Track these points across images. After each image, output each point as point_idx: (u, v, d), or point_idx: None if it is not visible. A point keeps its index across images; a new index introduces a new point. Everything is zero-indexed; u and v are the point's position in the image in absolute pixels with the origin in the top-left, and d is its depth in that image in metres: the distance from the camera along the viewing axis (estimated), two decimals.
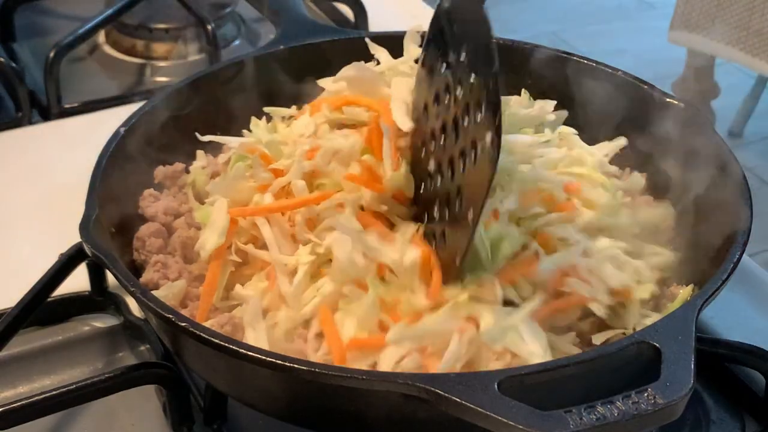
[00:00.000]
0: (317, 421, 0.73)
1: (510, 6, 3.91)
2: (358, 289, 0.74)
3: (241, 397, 0.76)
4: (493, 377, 0.62)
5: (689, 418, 0.82)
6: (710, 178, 0.83)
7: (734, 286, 0.74)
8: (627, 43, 3.46)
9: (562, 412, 0.59)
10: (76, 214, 0.78)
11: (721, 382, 0.86)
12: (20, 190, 1.09)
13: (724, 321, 0.90)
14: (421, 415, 0.65)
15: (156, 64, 1.39)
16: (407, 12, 1.42)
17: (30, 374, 0.88)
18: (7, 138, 1.19)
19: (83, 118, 1.23)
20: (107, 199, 0.82)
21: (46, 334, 0.91)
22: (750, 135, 3.13)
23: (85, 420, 0.83)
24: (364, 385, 0.64)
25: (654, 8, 3.92)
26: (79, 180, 0.82)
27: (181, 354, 0.76)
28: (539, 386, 0.64)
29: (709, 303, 0.70)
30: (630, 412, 0.60)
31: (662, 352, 0.64)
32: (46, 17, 1.49)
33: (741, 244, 0.75)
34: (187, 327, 0.68)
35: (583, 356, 0.66)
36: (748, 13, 2.56)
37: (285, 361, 0.65)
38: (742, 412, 0.84)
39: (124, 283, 0.73)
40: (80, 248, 0.84)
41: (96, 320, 0.93)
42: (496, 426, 0.60)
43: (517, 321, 0.71)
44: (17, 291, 0.85)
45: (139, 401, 0.84)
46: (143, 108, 0.91)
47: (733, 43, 2.61)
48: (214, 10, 1.39)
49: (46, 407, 0.76)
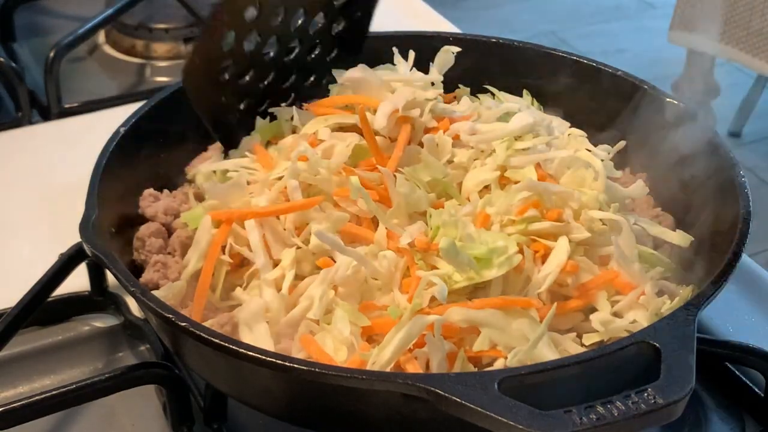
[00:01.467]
0: (317, 421, 0.73)
1: (510, 6, 3.92)
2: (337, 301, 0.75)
3: (241, 397, 0.76)
4: (493, 377, 0.62)
5: (689, 418, 0.82)
6: (709, 178, 0.83)
7: (734, 286, 0.74)
8: (627, 43, 3.46)
9: (562, 412, 0.59)
10: (76, 214, 0.78)
11: (721, 382, 0.86)
12: (20, 190, 1.09)
13: (724, 321, 0.90)
14: (421, 415, 0.65)
15: (156, 64, 1.39)
16: (407, 12, 1.42)
17: (30, 374, 0.88)
18: (7, 138, 1.19)
19: (83, 118, 1.23)
20: (107, 199, 0.82)
21: (46, 334, 0.91)
22: (749, 135, 3.13)
23: (85, 420, 0.83)
24: (364, 385, 0.64)
25: (654, 8, 3.92)
26: (79, 180, 0.82)
27: (181, 354, 0.76)
28: (539, 386, 0.64)
29: (709, 303, 0.70)
30: (630, 412, 0.59)
31: (662, 352, 0.64)
32: (46, 17, 1.49)
33: (740, 244, 0.75)
34: (187, 327, 0.68)
35: (583, 356, 0.66)
36: (748, 13, 2.56)
37: (285, 361, 0.65)
38: (742, 412, 0.84)
39: (124, 283, 0.73)
40: (80, 248, 0.84)
41: (96, 320, 0.93)
42: (496, 426, 0.60)
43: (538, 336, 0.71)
44: (17, 291, 0.85)
45: (139, 401, 0.84)
46: (143, 108, 0.91)
47: (733, 43, 2.61)
48: None
49: (46, 407, 0.76)
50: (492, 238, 0.76)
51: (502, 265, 0.74)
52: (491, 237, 0.76)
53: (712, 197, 0.83)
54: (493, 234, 0.77)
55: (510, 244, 0.75)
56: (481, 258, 0.74)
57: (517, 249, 0.75)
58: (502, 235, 0.77)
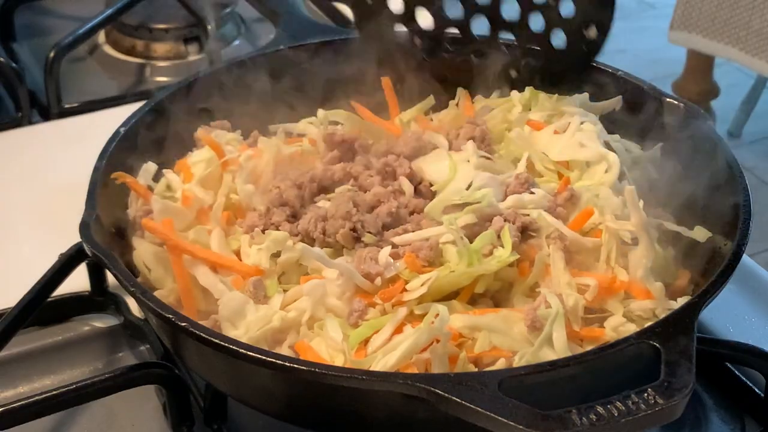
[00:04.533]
0: (317, 421, 0.73)
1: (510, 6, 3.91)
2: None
3: (241, 397, 0.76)
4: (493, 377, 0.62)
5: (689, 418, 0.82)
6: (709, 178, 0.83)
7: (734, 286, 0.74)
8: (627, 43, 3.46)
9: (562, 412, 0.59)
10: (76, 214, 0.78)
11: (721, 382, 0.86)
12: (20, 190, 1.09)
13: (724, 321, 0.90)
14: (421, 415, 0.65)
15: (156, 64, 1.39)
16: None
17: (30, 374, 0.88)
18: (7, 138, 1.19)
19: (83, 118, 1.23)
20: (107, 199, 0.82)
21: (46, 334, 0.91)
22: (749, 135, 3.13)
23: (85, 420, 0.83)
24: (364, 385, 0.64)
25: (654, 8, 3.91)
26: (79, 180, 0.82)
27: (181, 354, 0.76)
28: (539, 386, 0.64)
29: (709, 303, 0.70)
30: (630, 412, 0.59)
31: (662, 352, 0.64)
32: (46, 17, 1.49)
33: (741, 244, 0.75)
34: (187, 327, 0.68)
35: (583, 356, 0.66)
36: (748, 13, 2.56)
37: (285, 361, 0.65)
38: (742, 412, 0.84)
39: (124, 283, 0.73)
40: (80, 248, 0.84)
41: (96, 320, 0.93)
42: (496, 426, 0.60)
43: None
44: (17, 291, 0.85)
45: (139, 401, 0.84)
46: (143, 108, 0.91)
47: (733, 43, 2.61)
48: (214, 10, 1.39)
49: (46, 407, 0.76)
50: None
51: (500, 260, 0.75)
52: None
53: (711, 197, 0.83)
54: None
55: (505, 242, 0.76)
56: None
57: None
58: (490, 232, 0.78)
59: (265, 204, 0.84)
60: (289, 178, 0.85)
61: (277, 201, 0.83)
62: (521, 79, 0.96)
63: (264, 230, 0.81)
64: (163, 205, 0.83)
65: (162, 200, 0.83)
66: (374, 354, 0.70)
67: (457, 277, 0.75)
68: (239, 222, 0.84)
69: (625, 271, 0.77)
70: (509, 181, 0.85)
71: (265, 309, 0.75)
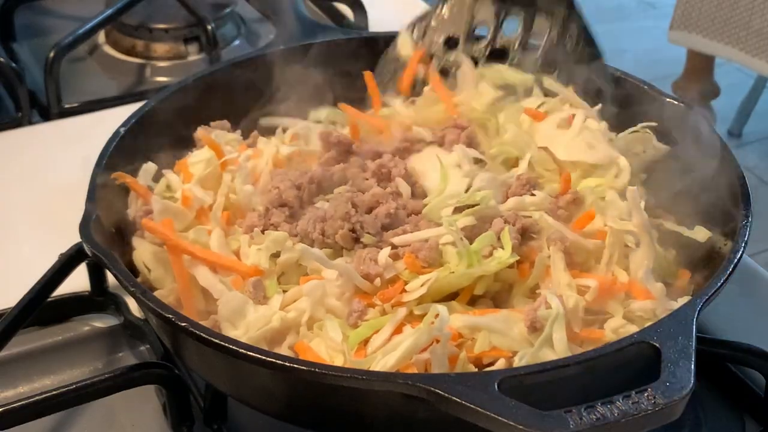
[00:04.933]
0: (317, 421, 0.72)
1: None
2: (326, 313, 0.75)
3: (241, 397, 0.76)
4: (493, 377, 0.62)
5: (689, 418, 0.82)
6: (709, 178, 0.83)
7: (734, 286, 0.73)
8: (627, 43, 3.45)
9: (562, 412, 0.59)
10: (76, 214, 0.78)
11: (721, 382, 0.86)
12: (20, 190, 1.09)
13: (724, 321, 0.90)
14: (421, 415, 0.65)
15: (156, 64, 1.39)
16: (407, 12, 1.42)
17: (30, 374, 0.88)
18: (7, 138, 1.19)
19: (83, 118, 1.23)
20: (107, 200, 0.82)
21: (46, 334, 0.91)
22: (749, 135, 3.13)
23: (85, 420, 0.83)
24: (364, 385, 0.64)
25: (654, 8, 3.91)
26: (79, 180, 0.82)
27: (181, 354, 0.76)
28: (539, 386, 0.64)
29: (709, 303, 0.70)
30: (630, 412, 0.59)
31: (662, 352, 0.64)
32: (46, 17, 1.49)
33: (741, 244, 0.75)
34: (187, 327, 0.68)
35: (583, 356, 0.66)
36: (748, 13, 2.56)
37: (285, 361, 0.65)
38: (742, 412, 0.84)
39: (124, 283, 0.73)
40: (80, 248, 0.84)
41: (96, 320, 0.93)
42: (496, 426, 0.60)
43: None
44: (17, 291, 0.85)
45: (139, 401, 0.84)
46: (143, 108, 0.91)
47: (733, 43, 2.61)
48: (214, 10, 1.39)
49: (46, 407, 0.76)
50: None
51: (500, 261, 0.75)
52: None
53: (711, 197, 0.83)
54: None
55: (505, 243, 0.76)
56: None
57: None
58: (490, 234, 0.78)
59: (264, 204, 0.84)
60: (289, 178, 0.85)
61: (277, 201, 0.83)
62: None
63: (263, 230, 0.81)
64: (163, 206, 0.83)
65: (162, 200, 0.83)
66: (374, 354, 0.70)
67: (457, 278, 0.75)
68: (239, 222, 0.84)
69: (625, 273, 0.77)
70: (510, 182, 0.85)
71: (265, 309, 0.75)
